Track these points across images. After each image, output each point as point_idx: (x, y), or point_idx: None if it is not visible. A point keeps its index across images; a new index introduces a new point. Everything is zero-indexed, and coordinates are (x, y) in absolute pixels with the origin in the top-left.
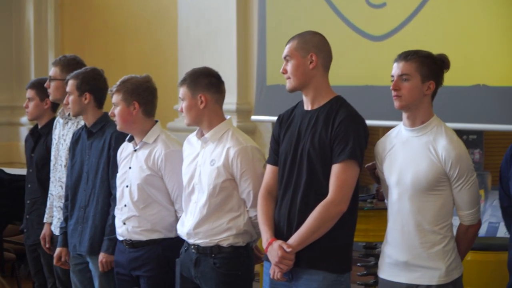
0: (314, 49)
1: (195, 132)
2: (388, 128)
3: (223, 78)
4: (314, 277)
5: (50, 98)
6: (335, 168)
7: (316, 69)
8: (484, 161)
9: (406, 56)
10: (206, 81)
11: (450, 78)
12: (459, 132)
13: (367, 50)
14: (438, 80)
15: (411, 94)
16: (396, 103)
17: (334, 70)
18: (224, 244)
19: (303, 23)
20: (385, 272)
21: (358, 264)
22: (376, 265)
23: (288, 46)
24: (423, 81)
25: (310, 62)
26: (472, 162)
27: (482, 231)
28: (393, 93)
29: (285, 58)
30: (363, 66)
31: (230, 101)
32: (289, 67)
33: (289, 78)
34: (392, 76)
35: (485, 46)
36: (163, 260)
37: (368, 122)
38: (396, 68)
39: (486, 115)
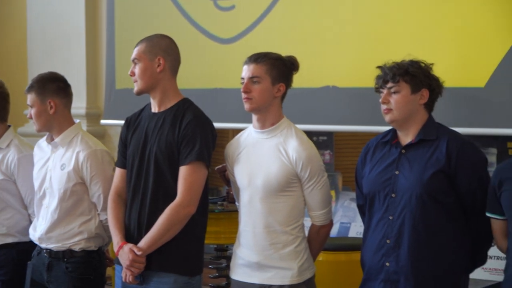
0: (162, 52)
1: (45, 137)
2: (238, 131)
3: (73, 83)
4: (165, 279)
5: None
6: (183, 170)
7: (163, 72)
8: (334, 162)
9: (256, 58)
10: (54, 86)
11: (299, 80)
12: (310, 134)
13: (217, 53)
14: (288, 82)
15: (262, 97)
16: (247, 106)
17: (184, 74)
18: (76, 248)
19: (152, 26)
20: (238, 274)
21: (210, 266)
22: (227, 267)
23: (136, 49)
24: (273, 83)
25: (158, 65)
26: (322, 163)
27: (334, 232)
28: (243, 95)
29: (133, 61)
30: (212, 69)
31: (80, 105)
32: (136, 70)
33: (136, 81)
34: (242, 78)
35: (333, 48)
36: (17, 264)
37: (218, 124)
38: (246, 71)
39: (336, 116)
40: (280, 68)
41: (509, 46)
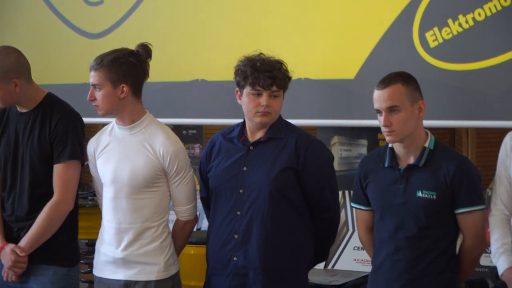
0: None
1: None
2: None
3: None
4: (45, 272)
5: None
6: (58, 168)
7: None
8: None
9: (93, 65)
10: None
11: (169, 74)
12: (179, 127)
13: (86, 48)
14: (133, 79)
15: (106, 103)
16: (99, 113)
17: (54, 69)
18: None
19: (20, 22)
20: (102, 271)
21: (82, 261)
22: None
23: None
24: (114, 87)
25: None
26: (189, 158)
27: (205, 225)
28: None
29: None
30: (81, 64)
31: None
32: None
33: None
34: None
35: (202, 41)
36: None
37: (88, 119)
38: (90, 77)
39: (205, 110)
40: (117, 70)
41: (378, 38)
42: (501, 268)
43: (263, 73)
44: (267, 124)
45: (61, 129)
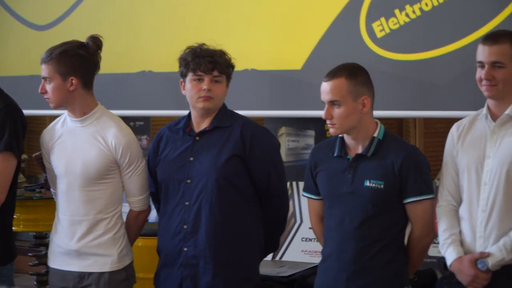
0: None
1: None
2: (56, 117)
3: None
4: None
5: None
6: None
7: None
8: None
9: (43, 58)
10: None
11: (115, 66)
12: (126, 119)
13: (33, 39)
14: (82, 71)
15: (56, 95)
16: (51, 105)
17: (1, 61)
18: None
19: None
20: (56, 262)
21: (30, 254)
22: (46, 255)
23: None
24: (64, 79)
25: None
26: (141, 149)
27: (152, 217)
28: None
29: None
30: (28, 56)
31: None
32: None
33: None
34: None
35: (148, 32)
36: None
37: (35, 111)
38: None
39: (152, 101)
40: (66, 62)
41: (325, 28)
42: (450, 258)
43: (204, 58)
44: (210, 109)
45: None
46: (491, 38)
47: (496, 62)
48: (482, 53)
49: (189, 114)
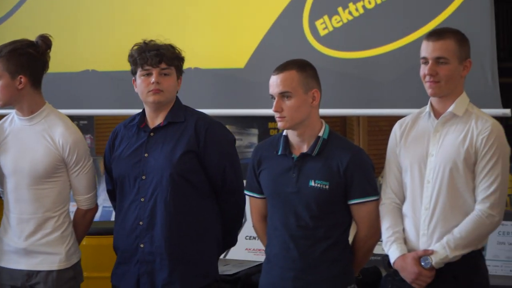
0: None
1: None
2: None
3: None
4: None
5: None
6: None
7: None
8: (95, 146)
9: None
10: None
11: (59, 65)
12: (70, 118)
13: None
14: (32, 70)
15: (4, 94)
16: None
17: None
18: None
19: None
20: (4, 260)
21: None
22: None
23: None
24: (12, 78)
25: None
26: (88, 148)
27: (97, 216)
28: None
29: None
30: None
31: None
32: None
33: None
34: None
35: (88, 32)
36: None
37: None
38: None
39: (96, 100)
40: (15, 61)
41: (268, 27)
42: (393, 256)
43: (150, 51)
44: (161, 103)
45: None
46: (435, 34)
47: (440, 58)
48: (426, 49)
49: (144, 110)
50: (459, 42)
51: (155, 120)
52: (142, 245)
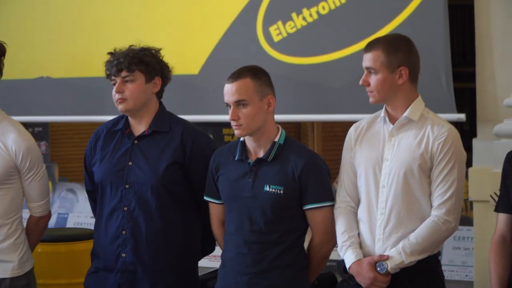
0: None
1: None
2: None
3: None
4: None
5: None
6: None
7: None
8: (50, 152)
9: None
10: None
11: (14, 72)
12: (25, 125)
13: None
14: None
15: None
16: None
17: None
18: None
19: None
20: None
21: None
22: None
23: None
24: None
25: None
26: (41, 154)
27: (51, 223)
28: None
29: None
30: None
31: None
32: None
33: None
34: None
35: (43, 39)
36: None
37: None
38: None
39: (51, 107)
40: None
41: (222, 33)
42: (349, 261)
43: (111, 62)
44: (128, 111)
45: None
46: (367, 45)
47: (370, 68)
48: (364, 59)
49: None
50: (387, 51)
51: (138, 126)
52: (124, 254)
